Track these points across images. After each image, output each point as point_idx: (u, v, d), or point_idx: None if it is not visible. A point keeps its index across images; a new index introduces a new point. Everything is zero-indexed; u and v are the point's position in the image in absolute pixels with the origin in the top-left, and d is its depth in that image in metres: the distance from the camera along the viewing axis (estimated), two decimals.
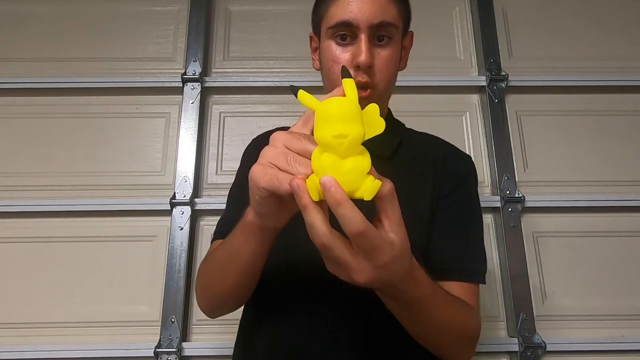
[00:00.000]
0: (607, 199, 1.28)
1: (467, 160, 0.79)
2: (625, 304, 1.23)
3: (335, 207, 0.37)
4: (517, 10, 1.47)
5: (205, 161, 1.34)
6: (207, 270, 0.66)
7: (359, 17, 0.65)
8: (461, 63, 1.44)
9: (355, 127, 0.38)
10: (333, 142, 0.38)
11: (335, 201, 0.37)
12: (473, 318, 0.65)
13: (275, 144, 0.43)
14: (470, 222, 0.73)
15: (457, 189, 0.73)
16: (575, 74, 1.39)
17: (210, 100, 1.40)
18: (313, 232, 0.39)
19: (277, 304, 0.66)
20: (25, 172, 1.31)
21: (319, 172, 0.39)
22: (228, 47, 1.45)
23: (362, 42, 0.65)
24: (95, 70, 1.39)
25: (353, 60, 0.66)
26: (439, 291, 0.54)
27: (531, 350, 1.15)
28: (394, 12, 0.68)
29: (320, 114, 0.39)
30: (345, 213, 0.37)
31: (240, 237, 0.54)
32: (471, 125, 1.38)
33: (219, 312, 0.70)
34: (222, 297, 0.64)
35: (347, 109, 0.39)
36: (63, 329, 1.19)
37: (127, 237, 1.26)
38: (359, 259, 0.40)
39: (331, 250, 0.40)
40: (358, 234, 0.38)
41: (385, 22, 0.66)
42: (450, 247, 0.68)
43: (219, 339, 1.18)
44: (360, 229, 0.38)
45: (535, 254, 1.26)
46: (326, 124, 0.38)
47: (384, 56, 0.68)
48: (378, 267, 0.41)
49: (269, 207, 0.46)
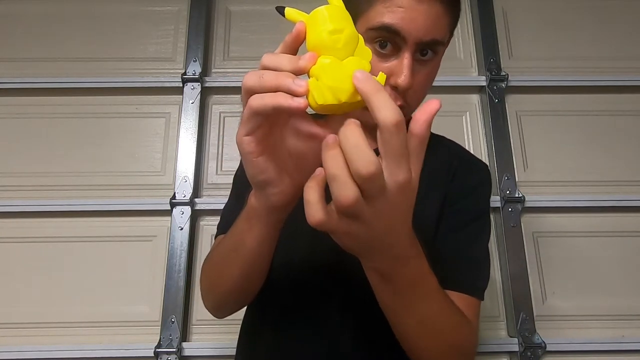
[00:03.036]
0: (607, 199, 1.28)
1: (481, 170, 0.74)
2: (625, 304, 1.23)
3: (371, 95, 0.34)
4: (517, 10, 1.47)
5: (205, 161, 1.34)
6: (211, 265, 0.63)
7: (408, 29, 0.56)
8: (461, 63, 1.44)
9: (348, 25, 0.37)
10: (330, 39, 0.37)
11: (371, 88, 0.34)
12: (470, 332, 0.58)
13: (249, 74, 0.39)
14: (475, 235, 0.69)
15: (465, 198, 0.69)
16: (575, 74, 1.39)
17: (210, 100, 1.40)
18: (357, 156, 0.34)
19: (280, 306, 0.65)
20: (25, 172, 1.31)
21: (320, 75, 0.37)
22: (228, 47, 1.45)
23: (404, 61, 0.57)
24: (95, 70, 1.39)
25: (391, 78, 0.58)
26: (434, 279, 0.49)
27: (531, 350, 1.15)
28: (445, 26, 0.59)
29: (310, 22, 0.39)
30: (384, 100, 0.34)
31: (244, 224, 0.51)
32: (471, 125, 1.38)
33: (226, 311, 0.67)
34: (228, 291, 0.60)
35: (335, 11, 0.38)
36: (63, 329, 1.19)
37: (127, 237, 1.26)
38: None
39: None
40: (398, 124, 0.33)
41: (435, 41, 0.58)
42: (452, 258, 0.65)
43: (219, 339, 1.18)
44: (400, 118, 0.33)
45: (535, 254, 1.26)
46: (318, 27, 0.38)
47: (424, 75, 0.61)
48: (395, 187, 0.35)
49: (266, 166, 0.42)
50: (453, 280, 0.61)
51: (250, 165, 0.42)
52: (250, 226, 0.50)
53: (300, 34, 0.39)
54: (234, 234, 0.54)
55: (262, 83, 0.38)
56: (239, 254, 0.54)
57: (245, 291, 0.62)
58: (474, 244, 0.68)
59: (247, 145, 0.41)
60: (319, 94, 0.37)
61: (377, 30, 0.57)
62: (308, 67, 0.38)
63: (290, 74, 0.37)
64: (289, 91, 0.37)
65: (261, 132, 0.40)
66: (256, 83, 0.38)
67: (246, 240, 0.51)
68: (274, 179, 0.43)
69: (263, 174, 0.42)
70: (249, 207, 0.48)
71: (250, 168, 0.42)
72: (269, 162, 0.42)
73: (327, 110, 0.39)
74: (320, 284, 0.62)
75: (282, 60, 0.39)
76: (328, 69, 0.37)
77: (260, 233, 0.50)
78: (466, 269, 0.65)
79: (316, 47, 0.38)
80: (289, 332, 0.63)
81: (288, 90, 0.37)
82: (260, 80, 0.38)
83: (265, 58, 0.40)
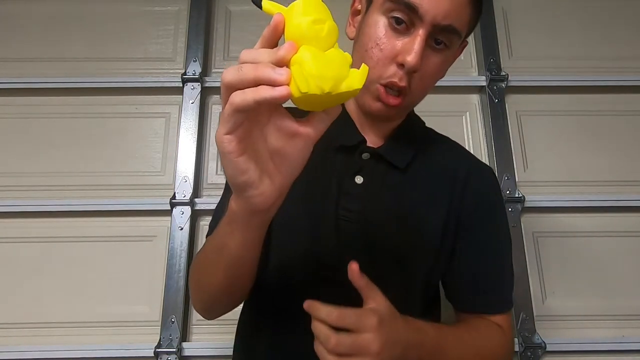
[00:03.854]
0: (607, 199, 1.28)
1: (490, 175, 0.74)
2: (625, 304, 1.23)
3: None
4: (517, 10, 1.47)
5: (205, 161, 1.34)
6: (197, 268, 0.63)
7: (427, 7, 0.55)
8: (461, 63, 1.43)
9: (329, 17, 0.37)
10: (312, 28, 0.36)
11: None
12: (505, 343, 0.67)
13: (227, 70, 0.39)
14: (503, 250, 0.70)
15: (487, 212, 0.69)
16: (575, 74, 1.39)
17: (210, 100, 1.40)
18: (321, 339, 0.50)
19: (276, 307, 0.65)
20: (25, 172, 1.31)
21: (303, 63, 0.36)
22: (228, 47, 1.45)
23: (417, 39, 0.55)
24: (95, 70, 1.39)
25: (399, 55, 0.56)
26: (452, 337, 0.57)
27: (531, 350, 1.15)
28: (466, 17, 0.59)
29: (288, 14, 0.38)
30: (319, 314, 0.51)
31: (226, 227, 0.50)
32: (471, 125, 1.38)
33: (214, 313, 0.67)
34: (214, 295, 0.60)
35: (314, 3, 0.38)
36: (63, 329, 1.19)
37: (127, 237, 1.26)
38: (363, 335, 0.47)
39: (341, 344, 0.47)
40: (338, 318, 0.49)
41: (452, 28, 0.57)
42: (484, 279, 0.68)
43: (219, 339, 1.18)
44: (335, 314, 0.49)
45: (535, 254, 1.26)
46: (297, 17, 0.37)
47: (434, 63, 0.59)
48: (377, 330, 0.47)
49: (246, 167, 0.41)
50: (487, 304, 0.67)
51: (230, 165, 0.41)
52: (232, 230, 0.49)
53: (278, 26, 0.38)
54: (217, 238, 0.54)
55: (242, 76, 0.37)
56: (223, 258, 0.53)
57: (231, 294, 0.61)
58: (503, 261, 0.70)
59: (228, 144, 0.39)
60: (303, 82, 0.35)
61: (394, 3, 0.56)
62: (288, 57, 0.37)
63: (270, 64, 0.36)
64: (269, 81, 0.36)
65: (242, 130, 0.39)
66: (235, 77, 0.37)
67: (229, 244, 0.51)
68: (254, 181, 0.42)
69: (243, 175, 0.41)
70: (230, 212, 0.48)
71: (230, 169, 0.41)
72: (250, 163, 0.41)
73: (309, 103, 0.38)
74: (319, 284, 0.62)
75: (260, 53, 0.38)
76: (311, 57, 0.36)
77: (243, 237, 0.49)
78: (499, 290, 0.68)
79: (296, 38, 0.37)
80: (287, 334, 0.63)
81: (269, 79, 0.36)
82: (239, 74, 0.37)
83: (243, 53, 0.39)
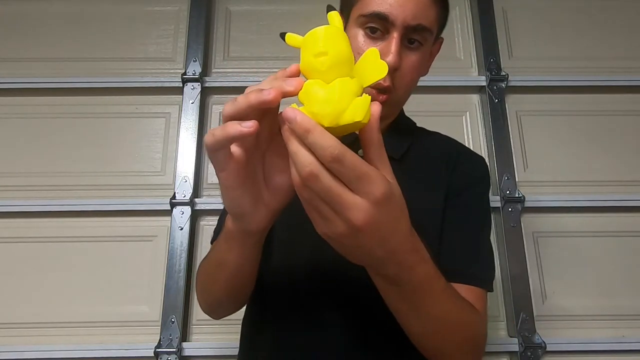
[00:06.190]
0: (607, 199, 1.28)
1: (481, 162, 0.76)
2: (625, 304, 1.23)
3: (304, 136, 0.34)
4: (517, 10, 1.47)
5: (206, 161, 1.34)
6: (202, 274, 0.66)
7: (396, 13, 0.60)
8: (461, 63, 1.44)
9: (336, 45, 0.36)
10: (315, 62, 0.36)
11: (303, 129, 0.33)
12: (480, 324, 0.60)
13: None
14: (480, 227, 0.70)
15: (469, 189, 0.70)
16: (575, 74, 1.39)
17: (210, 100, 1.40)
18: (297, 161, 0.35)
19: (280, 307, 0.65)
20: (25, 172, 1.31)
21: (304, 100, 0.36)
22: (228, 47, 1.45)
23: (393, 42, 0.61)
24: (96, 70, 1.39)
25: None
26: (442, 279, 0.49)
27: (531, 350, 1.15)
28: (434, 16, 0.64)
29: (304, 45, 0.38)
30: (316, 140, 0.33)
31: (223, 245, 0.53)
32: (471, 125, 1.38)
33: (219, 314, 0.70)
34: (217, 300, 0.64)
35: (328, 31, 0.37)
36: (63, 329, 1.19)
37: (127, 237, 1.26)
38: (351, 193, 0.35)
39: (319, 180, 0.34)
40: (335, 159, 0.33)
41: (422, 26, 0.62)
42: (459, 250, 0.66)
43: (219, 339, 1.18)
44: (336, 152, 0.33)
45: (535, 254, 1.26)
46: (308, 50, 0.37)
47: (412, 61, 0.64)
48: (373, 204, 0.36)
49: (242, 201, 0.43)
50: (461, 274, 0.63)
51: (226, 197, 0.44)
52: (230, 247, 0.52)
53: (292, 74, 0.40)
54: (216, 251, 0.57)
55: (236, 106, 0.39)
56: (222, 271, 0.57)
57: (233, 300, 0.65)
58: (479, 236, 0.69)
59: (225, 180, 0.42)
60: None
61: (367, 17, 0.62)
62: (293, 92, 0.37)
63: (258, 89, 0.38)
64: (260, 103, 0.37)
65: (233, 165, 0.41)
66: (230, 108, 0.39)
67: (227, 259, 0.54)
68: (249, 212, 0.45)
69: (239, 208, 0.44)
70: (227, 230, 0.50)
71: (227, 200, 0.44)
72: (245, 197, 0.43)
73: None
74: (321, 286, 0.62)
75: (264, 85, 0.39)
76: (311, 94, 0.36)
77: (240, 253, 0.52)
78: (473, 261, 0.66)
79: (305, 70, 0.38)
80: (290, 334, 0.63)
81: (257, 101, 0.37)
82: (234, 104, 0.39)
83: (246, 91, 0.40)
